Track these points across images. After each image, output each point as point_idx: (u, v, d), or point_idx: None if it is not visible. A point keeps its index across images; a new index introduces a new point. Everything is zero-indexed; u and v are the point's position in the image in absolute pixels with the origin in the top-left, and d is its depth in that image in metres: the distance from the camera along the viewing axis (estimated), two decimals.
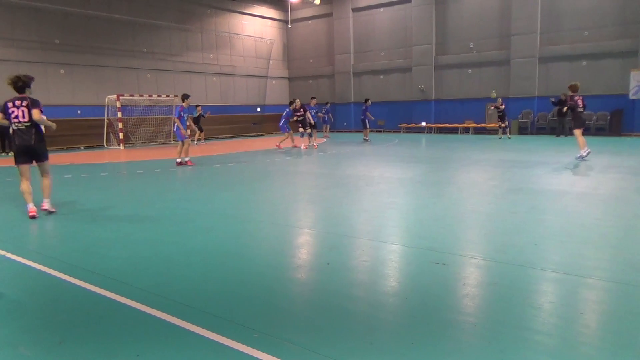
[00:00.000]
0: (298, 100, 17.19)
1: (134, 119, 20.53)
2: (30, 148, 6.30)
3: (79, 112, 20.05)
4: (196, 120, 19.60)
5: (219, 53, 25.91)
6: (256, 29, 27.99)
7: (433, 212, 6.36)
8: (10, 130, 6.34)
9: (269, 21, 28.79)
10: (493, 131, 22.77)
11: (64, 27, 19.47)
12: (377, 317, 3.14)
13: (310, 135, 17.17)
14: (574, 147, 14.60)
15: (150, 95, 20.81)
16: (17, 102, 6.20)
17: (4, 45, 17.90)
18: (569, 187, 7.96)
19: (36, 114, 6.22)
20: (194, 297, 3.50)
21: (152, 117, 21.18)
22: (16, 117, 6.19)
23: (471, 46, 23.15)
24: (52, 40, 19.21)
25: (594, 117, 20.08)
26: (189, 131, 12.51)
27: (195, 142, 19.79)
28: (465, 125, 23.49)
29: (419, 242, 4.92)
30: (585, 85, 20.11)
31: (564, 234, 5.16)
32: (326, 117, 23.98)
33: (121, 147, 19.17)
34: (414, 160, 12.91)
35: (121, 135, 19.36)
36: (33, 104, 6.25)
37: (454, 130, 23.81)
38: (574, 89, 11.38)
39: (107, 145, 19.80)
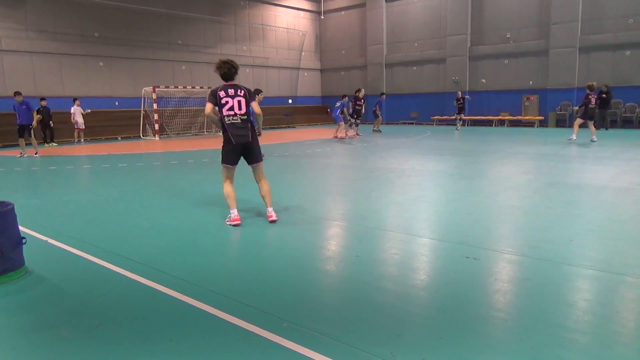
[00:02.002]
0: (363, 89, 17.96)
1: (169, 110, 20.99)
2: (247, 146, 5.27)
3: (116, 103, 20.64)
4: None
5: (252, 45, 26.11)
6: (289, 20, 28.04)
7: (465, 205, 6.27)
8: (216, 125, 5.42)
9: (302, 12, 28.79)
10: (529, 124, 22.18)
11: (103, 20, 20.01)
12: (406, 310, 3.13)
13: (357, 125, 17.86)
14: (616, 140, 14.03)
15: (184, 87, 21.20)
16: (231, 91, 5.15)
17: (46, 38, 18.55)
18: (609, 182, 7.69)
19: (257, 107, 5.32)
20: (226, 286, 3.58)
21: (186, 108, 21.59)
22: (231, 108, 5.14)
23: (508, 36, 22.52)
24: (91, 33, 19.78)
25: (637, 110, 19.27)
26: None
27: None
28: (500, 117, 22.94)
29: (450, 235, 4.86)
30: (628, 75, 19.35)
31: (602, 230, 4.99)
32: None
33: (157, 137, 19.63)
34: (446, 152, 12.72)
35: (157, 127, 19.82)
36: (250, 94, 5.28)
37: (488, 123, 23.29)
38: (591, 88, 13.51)
39: (143, 136, 20.31)
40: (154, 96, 19.61)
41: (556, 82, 21.09)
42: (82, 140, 18.27)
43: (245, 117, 5.20)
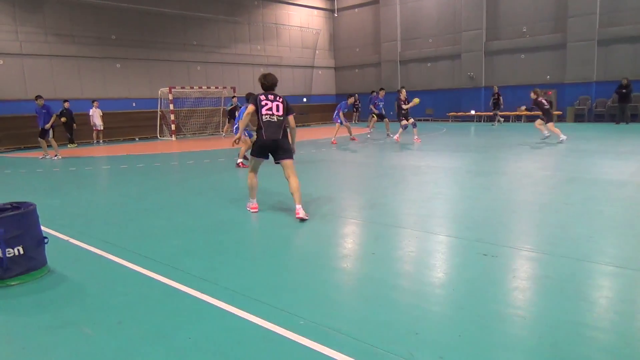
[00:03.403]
0: (404, 89, 15.18)
1: (184, 110, 21.20)
2: (276, 142, 5.72)
3: (134, 104, 20.88)
4: (231, 112, 18.58)
5: (266, 44, 26.18)
6: (302, 19, 28.05)
7: (482, 202, 6.21)
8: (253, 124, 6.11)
9: (315, 11, 28.77)
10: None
11: (119, 23, 20.26)
12: (423, 307, 3.12)
13: (411, 126, 14.68)
14: (636, 134, 13.77)
15: (200, 87, 21.37)
16: (271, 97, 5.82)
17: (65, 42, 18.85)
18: (630, 177, 7.53)
19: (292, 120, 5.85)
20: (242, 283, 3.60)
21: (202, 108, 21.78)
22: (269, 109, 5.74)
23: (524, 30, 22.19)
24: (108, 36, 20.04)
25: None
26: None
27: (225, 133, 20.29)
28: (517, 113, 22.61)
29: (467, 233, 4.82)
30: None
31: (622, 226, 4.91)
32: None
33: (173, 138, 19.83)
34: (462, 149, 12.61)
35: (173, 127, 20.02)
36: (288, 106, 5.86)
37: (505, 119, 23.00)
38: (537, 93, 13.65)
39: (160, 136, 20.54)
40: (170, 97, 19.81)
41: (574, 77, 20.73)
42: (101, 141, 18.55)
43: (281, 118, 5.74)
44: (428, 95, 25.83)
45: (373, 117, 17.30)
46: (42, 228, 4.21)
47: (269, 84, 5.89)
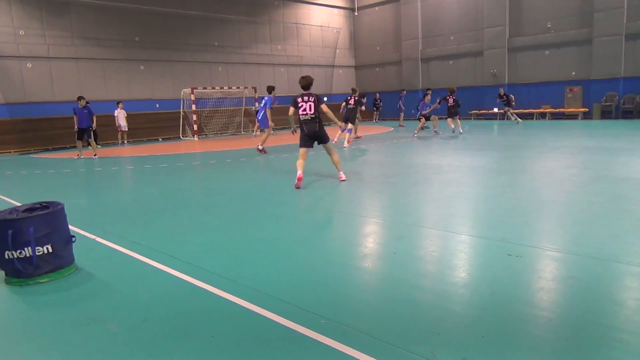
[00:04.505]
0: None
1: (206, 111, 21.45)
2: (316, 133, 7.59)
3: (157, 105, 21.23)
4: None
5: (287, 44, 26.28)
6: (323, 18, 28.06)
7: (505, 201, 6.12)
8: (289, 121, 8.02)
9: (336, 10, 28.74)
10: (572, 116, 21.41)
11: (143, 25, 20.61)
12: (446, 307, 3.09)
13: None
14: None
15: (221, 88, 21.60)
16: (305, 98, 7.50)
17: (90, 45, 19.28)
18: None
19: (324, 107, 7.57)
20: (264, 282, 3.63)
21: (223, 108, 22.01)
22: (304, 109, 7.48)
23: (548, 26, 21.75)
24: (132, 38, 20.41)
25: None
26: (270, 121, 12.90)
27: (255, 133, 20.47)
28: (541, 110, 22.22)
29: (490, 232, 4.75)
30: None
31: None
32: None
33: (195, 138, 20.09)
34: (485, 147, 12.43)
35: (195, 127, 20.28)
36: (318, 99, 7.54)
37: (529, 116, 22.58)
38: (451, 91, 16.57)
39: (182, 136, 20.82)
40: (192, 97, 20.07)
41: (600, 72, 20.23)
42: (125, 142, 18.91)
43: (313, 115, 7.50)
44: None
45: (422, 119, 17.43)
46: (70, 227, 4.31)
47: (304, 84, 7.62)
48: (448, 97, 16.53)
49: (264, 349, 2.66)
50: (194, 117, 20.21)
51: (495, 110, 23.10)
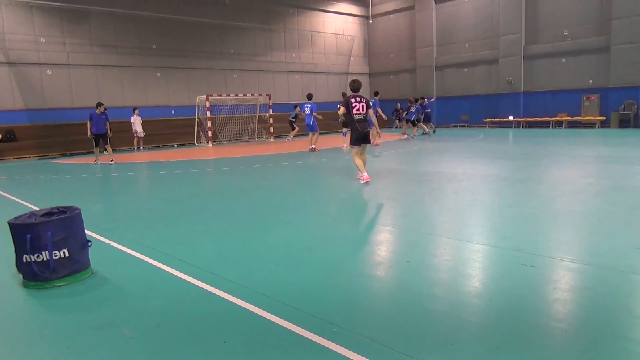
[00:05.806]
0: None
1: (221, 117, 21.63)
2: (366, 133, 8.24)
3: (172, 112, 21.48)
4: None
5: (301, 51, 26.43)
6: (337, 26, 28.19)
7: (520, 210, 6.05)
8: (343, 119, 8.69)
9: (350, 17, 28.86)
10: (589, 124, 21.14)
11: (159, 33, 20.93)
12: (459, 317, 3.07)
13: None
14: None
15: (236, 95, 21.78)
16: (357, 99, 8.13)
17: (108, 52, 19.62)
18: None
19: (370, 112, 8.37)
20: (276, 289, 3.63)
21: (238, 115, 22.17)
22: (357, 110, 8.09)
23: (565, 33, 21.57)
24: (149, 45, 20.72)
25: None
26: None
27: (291, 137, 21.12)
28: (557, 118, 21.98)
29: (505, 242, 4.70)
30: None
31: None
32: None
33: (210, 144, 20.25)
34: (500, 156, 12.33)
35: (210, 134, 20.46)
36: (367, 103, 8.20)
37: (545, 125, 22.37)
38: (420, 101, 19.70)
39: (197, 143, 21.00)
40: (207, 104, 20.26)
41: (619, 81, 19.96)
42: (141, 147, 19.14)
43: (366, 115, 8.18)
44: (464, 101, 25.47)
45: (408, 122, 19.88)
46: (86, 232, 4.37)
47: (354, 87, 8.30)
48: (425, 104, 19.75)
49: (275, 355, 2.66)
50: (209, 124, 20.40)
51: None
